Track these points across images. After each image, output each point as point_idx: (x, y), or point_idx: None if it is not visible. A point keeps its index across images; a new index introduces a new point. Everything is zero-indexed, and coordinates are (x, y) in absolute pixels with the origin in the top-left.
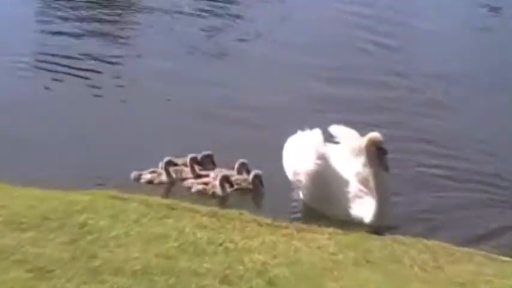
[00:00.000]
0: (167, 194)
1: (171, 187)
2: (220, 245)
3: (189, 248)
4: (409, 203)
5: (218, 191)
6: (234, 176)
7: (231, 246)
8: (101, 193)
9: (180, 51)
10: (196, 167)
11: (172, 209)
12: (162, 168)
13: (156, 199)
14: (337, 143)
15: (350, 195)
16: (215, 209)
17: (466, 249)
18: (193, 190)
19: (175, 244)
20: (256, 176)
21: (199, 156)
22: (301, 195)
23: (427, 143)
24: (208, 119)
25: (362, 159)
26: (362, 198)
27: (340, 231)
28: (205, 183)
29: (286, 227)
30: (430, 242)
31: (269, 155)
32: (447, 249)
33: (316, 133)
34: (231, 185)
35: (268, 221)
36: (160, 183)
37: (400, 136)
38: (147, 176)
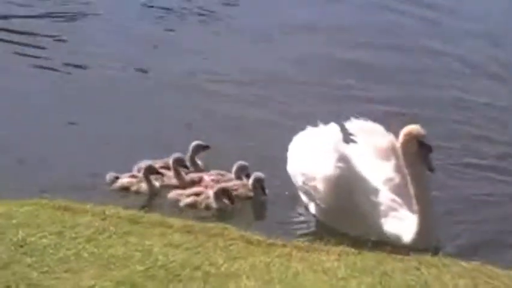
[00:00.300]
0: (143, 207)
1: (151, 199)
2: (198, 268)
3: (158, 273)
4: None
5: (212, 203)
6: (232, 181)
7: (211, 270)
8: (45, 203)
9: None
10: (183, 172)
11: (136, 223)
12: (140, 173)
13: (116, 211)
14: (355, 141)
15: (382, 208)
16: (191, 222)
17: None
18: (181, 204)
19: (141, 268)
20: (257, 180)
21: (189, 151)
22: (312, 209)
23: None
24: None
25: (393, 161)
26: (397, 211)
27: (352, 250)
28: (197, 194)
29: (284, 246)
30: (470, 265)
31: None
32: (491, 273)
33: (333, 129)
34: (231, 200)
35: (260, 237)
36: (138, 192)
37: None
38: (124, 180)
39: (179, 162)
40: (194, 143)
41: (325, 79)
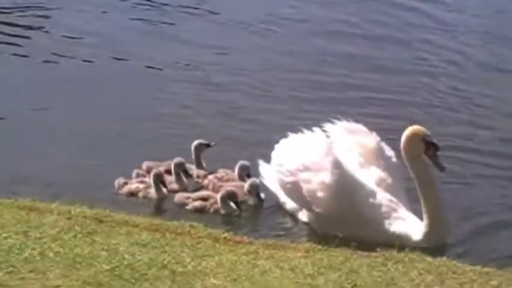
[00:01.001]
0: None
1: (160, 205)
2: (165, 267)
3: (124, 272)
4: None
5: (221, 208)
6: (234, 181)
7: (178, 268)
8: (9, 203)
9: None
10: (183, 176)
11: (101, 222)
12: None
13: (82, 210)
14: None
15: (383, 209)
16: (157, 221)
17: (482, 268)
18: (188, 207)
19: (107, 267)
20: (252, 186)
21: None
22: (303, 217)
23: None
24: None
25: (381, 161)
26: (397, 211)
27: (319, 247)
28: (204, 199)
29: (250, 243)
30: (436, 260)
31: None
32: (457, 269)
33: (321, 135)
34: (237, 206)
35: (227, 235)
36: (146, 197)
37: None
38: (132, 185)
39: (180, 167)
40: (196, 142)
41: (316, 70)
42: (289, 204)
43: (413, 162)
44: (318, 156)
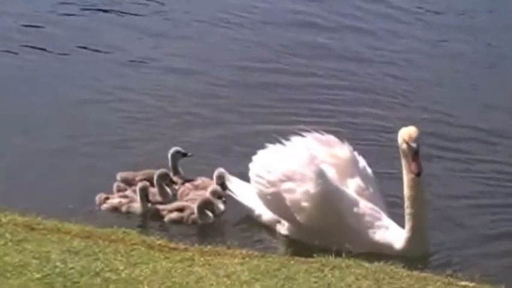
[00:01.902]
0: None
1: (145, 219)
2: (97, 275)
3: (56, 280)
4: None
5: (197, 218)
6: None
7: (112, 276)
8: None
9: None
10: (166, 188)
11: (32, 229)
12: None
13: (12, 217)
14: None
15: (367, 218)
16: (90, 228)
17: (421, 274)
18: (166, 219)
19: (38, 276)
20: (218, 177)
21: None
22: (282, 230)
23: None
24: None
25: (357, 171)
26: (380, 220)
27: (256, 253)
28: (180, 209)
29: (186, 250)
30: (373, 265)
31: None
32: (394, 274)
33: (301, 145)
34: (213, 212)
35: (162, 242)
36: (129, 212)
37: None
38: (114, 200)
39: (165, 179)
40: (173, 149)
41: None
42: (266, 216)
43: (405, 163)
44: (300, 166)
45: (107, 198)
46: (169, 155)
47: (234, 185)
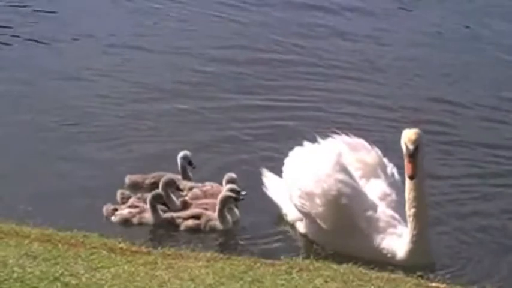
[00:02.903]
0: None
1: (156, 229)
2: (57, 279)
3: (13, 285)
4: None
5: (217, 223)
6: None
7: (72, 281)
8: None
9: None
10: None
11: None
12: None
13: None
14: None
15: (380, 224)
16: (49, 231)
17: (391, 275)
18: (182, 228)
19: None
20: (183, 158)
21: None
22: (301, 229)
23: None
24: None
25: (384, 177)
26: (395, 227)
27: (221, 256)
28: (197, 217)
29: (149, 253)
30: (341, 267)
31: None
32: (363, 276)
33: (333, 144)
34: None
35: (124, 245)
36: (142, 223)
37: None
38: (123, 211)
39: (171, 186)
40: (182, 153)
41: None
42: (290, 215)
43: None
44: (326, 167)
45: (115, 210)
46: (178, 159)
47: (268, 179)
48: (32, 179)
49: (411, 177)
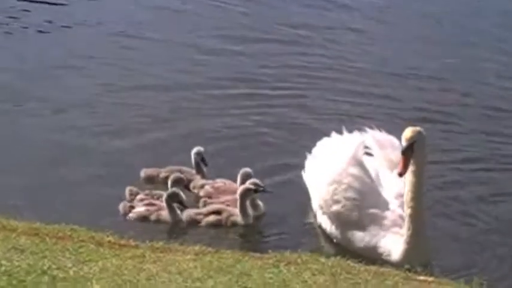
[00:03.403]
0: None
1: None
2: (45, 273)
3: (1, 279)
4: None
5: (239, 218)
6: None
7: (59, 274)
8: None
9: None
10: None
11: None
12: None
13: None
14: (370, 154)
15: (385, 222)
16: (37, 225)
17: (379, 269)
18: (203, 224)
19: None
20: (196, 154)
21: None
22: (319, 219)
23: None
24: None
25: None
26: (401, 227)
27: (209, 249)
28: (217, 212)
29: (136, 247)
30: (329, 261)
31: None
32: (351, 269)
33: (358, 138)
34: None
35: (112, 239)
36: (159, 221)
37: None
38: (140, 208)
39: (179, 183)
40: (195, 149)
41: None
42: (314, 204)
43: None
44: (341, 160)
45: (132, 207)
46: (192, 155)
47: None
48: (30, 171)
49: (399, 174)
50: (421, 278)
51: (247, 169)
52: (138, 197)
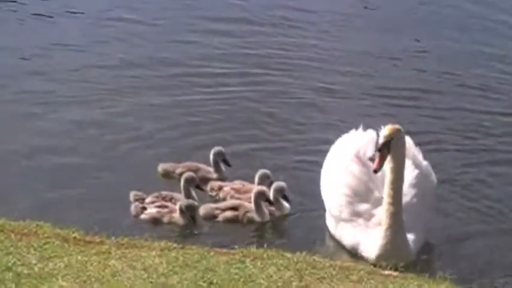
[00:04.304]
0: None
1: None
2: (9, 269)
3: None
4: None
5: (255, 215)
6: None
7: (24, 270)
8: None
9: None
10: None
11: None
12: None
13: None
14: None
15: (374, 220)
16: (2, 221)
17: (344, 263)
18: (220, 219)
19: None
20: (278, 191)
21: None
22: (327, 220)
23: None
24: None
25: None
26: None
27: (175, 245)
28: (234, 208)
29: (102, 243)
30: (295, 256)
31: None
32: (317, 264)
33: (367, 135)
34: (271, 203)
35: (77, 235)
36: (171, 223)
37: None
38: (152, 210)
39: (190, 182)
40: (216, 149)
41: None
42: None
43: None
44: (344, 157)
45: (144, 208)
46: (211, 155)
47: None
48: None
49: (374, 171)
50: (386, 272)
51: (265, 170)
52: (148, 199)
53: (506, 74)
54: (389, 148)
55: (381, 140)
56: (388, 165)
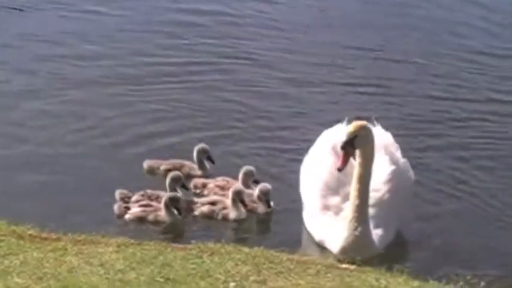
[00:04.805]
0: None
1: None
2: None
3: None
4: None
5: (232, 213)
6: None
7: None
8: None
9: None
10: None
11: None
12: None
13: None
14: None
15: (342, 214)
16: None
17: (301, 258)
18: (196, 213)
19: None
20: (263, 193)
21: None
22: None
23: None
24: None
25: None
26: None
27: (132, 241)
28: (212, 203)
29: (58, 239)
30: (253, 250)
31: None
32: (274, 259)
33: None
34: (245, 205)
35: (33, 232)
36: (157, 221)
37: None
38: (136, 209)
39: (176, 181)
40: (200, 146)
41: None
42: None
43: None
44: (320, 151)
45: (127, 208)
46: (195, 151)
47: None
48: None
49: (338, 169)
50: (344, 266)
51: (250, 167)
52: (134, 198)
53: (473, 63)
54: (353, 145)
55: (344, 138)
56: (357, 159)
